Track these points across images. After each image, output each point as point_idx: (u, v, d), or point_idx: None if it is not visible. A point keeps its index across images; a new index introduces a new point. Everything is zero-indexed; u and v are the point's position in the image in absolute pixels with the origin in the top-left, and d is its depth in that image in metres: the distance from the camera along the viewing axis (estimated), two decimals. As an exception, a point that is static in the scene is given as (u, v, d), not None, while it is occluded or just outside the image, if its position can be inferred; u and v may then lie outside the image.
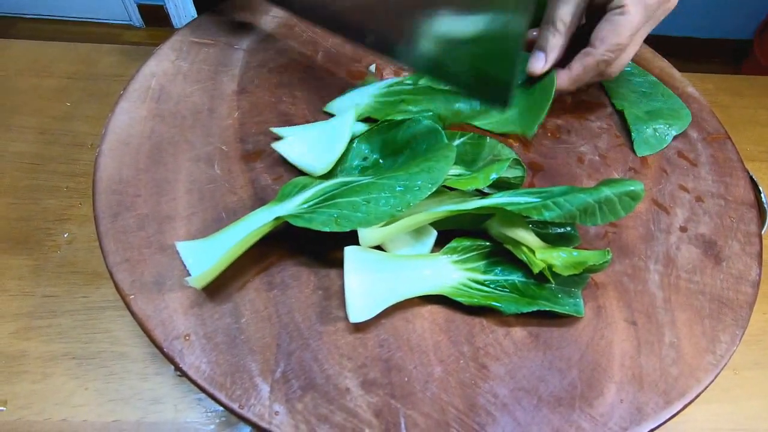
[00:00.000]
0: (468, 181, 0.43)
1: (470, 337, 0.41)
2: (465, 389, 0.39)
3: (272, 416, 0.37)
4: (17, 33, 2.22)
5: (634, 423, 0.38)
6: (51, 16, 2.29)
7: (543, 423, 0.38)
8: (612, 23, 0.48)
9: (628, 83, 0.62)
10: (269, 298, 0.42)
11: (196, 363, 0.38)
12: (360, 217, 0.39)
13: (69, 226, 0.61)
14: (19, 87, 0.74)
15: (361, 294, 0.40)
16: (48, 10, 2.26)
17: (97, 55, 0.81)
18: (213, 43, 0.61)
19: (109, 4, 2.23)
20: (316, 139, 0.48)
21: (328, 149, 0.47)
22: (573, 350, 0.41)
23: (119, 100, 0.53)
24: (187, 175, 0.49)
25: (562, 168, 0.54)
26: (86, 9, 2.25)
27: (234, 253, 0.40)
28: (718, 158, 0.57)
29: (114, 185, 0.47)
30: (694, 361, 0.42)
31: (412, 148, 0.46)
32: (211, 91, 0.56)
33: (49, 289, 0.56)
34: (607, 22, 0.49)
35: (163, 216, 0.46)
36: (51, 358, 0.52)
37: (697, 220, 0.51)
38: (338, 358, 0.39)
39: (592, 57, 0.50)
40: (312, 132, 0.49)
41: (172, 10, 2.24)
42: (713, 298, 0.45)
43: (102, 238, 0.44)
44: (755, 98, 0.86)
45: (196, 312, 0.40)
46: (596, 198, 0.39)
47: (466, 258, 0.44)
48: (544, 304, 0.41)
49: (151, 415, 0.50)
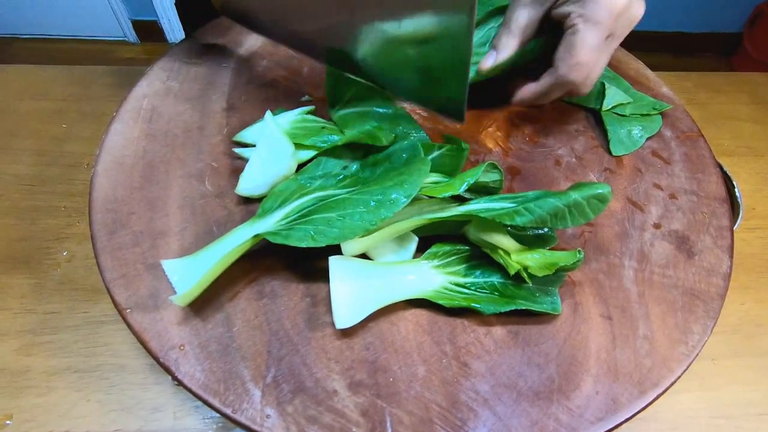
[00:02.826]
0: (444, 188, 0.45)
1: (452, 337, 0.43)
2: (447, 387, 0.41)
3: (264, 419, 0.38)
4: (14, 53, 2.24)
5: (610, 413, 0.40)
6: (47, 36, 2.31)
7: (522, 416, 0.40)
8: (567, 44, 0.50)
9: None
10: (259, 306, 0.44)
11: (191, 371, 0.40)
12: (336, 232, 0.41)
13: (68, 244, 0.64)
14: (16, 110, 0.77)
15: (346, 301, 0.42)
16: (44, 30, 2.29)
17: (91, 77, 0.83)
18: (202, 62, 0.63)
19: (103, 22, 2.25)
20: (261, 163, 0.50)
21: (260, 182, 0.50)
22: (551, 346, 0.43)
23: (112, 122, 0.56)
24: (179, 192, 0.51)
25: (539, 171, 0.56)
26: (81, 27, 2.28)
27: (216, 270, 0.42)
28: (691, 156, 0.59)
29: (109, 204, 0.49)
30: (667, 352, 0.44)
31: (392, 160, 0.48)
32: (201, 109, 0.58)
33: (51, 306, 0.59)
34: (563, 42, 0.51)
35: (156, 232, 0.48)
36: (54, 372, 0.54)
37: (670, 216, 0.53)
38: (326, 362, 0.41)
39: (552, 76, 0.52)
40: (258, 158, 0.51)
41: (166, 25, 2.26)
42: (686, 292, 0.47)
43: (99, 255, 0.46)
44: (733, 94, 0.88)
45: (190, 323, 0.42)
46: (566, 202, 0.41)
47: (446, 262, 0.46)
48: (522, 304, 0.43)
49: (152, 423, 0.52)
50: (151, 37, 2.33)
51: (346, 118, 0.55)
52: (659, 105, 0.62)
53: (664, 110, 0.62)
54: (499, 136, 0.59)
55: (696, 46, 2.32)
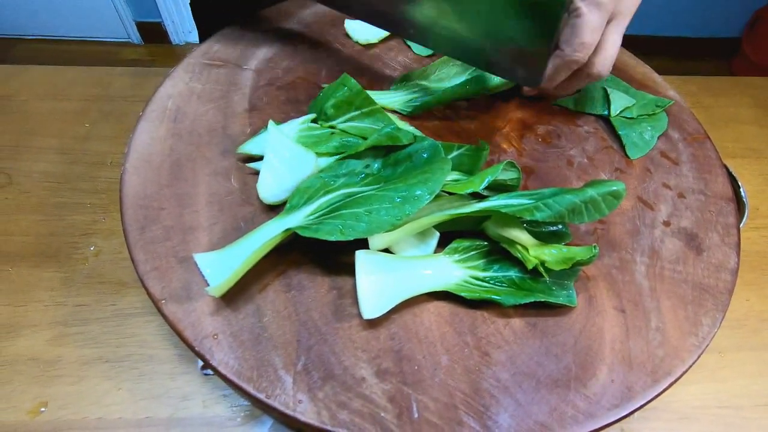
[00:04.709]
0: (465, 185, 0.47)
1: (473, 328, 0.45)
2: (470, 375, 0.43)
3: (296, 404, 0.40)
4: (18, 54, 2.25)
5: (625, 400, 0.42)
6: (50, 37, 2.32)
7: (542, 403, 0.42)
8: (571, 26, 0.52)
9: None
10: (288, 298, 0.46)
11: (225, 359, 0.42)
12: (363, 227, 0.43)
13: (94, 239, 0.66)
14: (39, 110, 0.79)
15: (372, 293, 0.44)
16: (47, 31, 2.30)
17: (109, 78, 0.85)
18: (223, 64, 0.65)
19: (107, 23, 2.27)
20: (277, 173, 0.51)
21: (283, 189, 0.51)
22: (567, 337, 0.45)
23: (140, 121, 0.57)
24: (206, 189, 0.53)
25: (552, 171, 0.58)
26: (85, 28, 2.29)
27: (248, 263, 0.44)
28: (698, 157, 0.61)
29: (139, 200, 0.51)
30: (679, 343, 0.46)
31: (413, 159, 0.50)
32: (224, 109, 0.60)
33: (80, 298, 0.60)
34: (567, 26, 0.53)
35: (186, 227, 0.50)
36: (85, 362, 0.56)
37: (679, 214, 0.55)
38: (353, 351, 0.43)
39: (560, 58, 0.54)
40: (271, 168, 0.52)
41: (170, 26, 2.28)
42: (695, 286, 0.49)
43: (132, 248, 0.48)
44: (737, 98, 0.91)
45: (222, 313, 0.44)
46: (582, 198, 0.43)
47: (466, 257, 0.48)
48: (539, 296, 0.45)
49: (181, 411, 0.53)
50: (155, 39, 2.34)
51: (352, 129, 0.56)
52: (662, 102, 0.64)
53: (673, 113, 0.64)
54: (513, 137, 0.61)
55: (696, 50, 2.34)
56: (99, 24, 2.27)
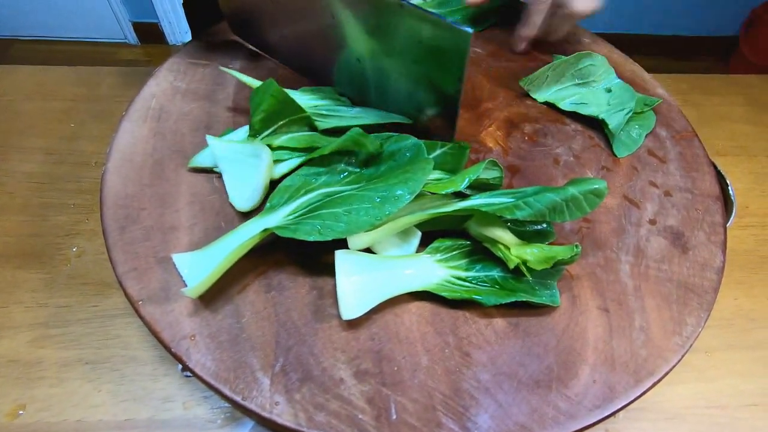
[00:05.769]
0: (446, 184, 0.46)
1: (454, 328, 0.45)
2: (450, 376, 0.42)
3: (273, 406, 0.40)
4: (14, 54, 2.25)
5: (607, 401, 0.42)
6: (47, 37, 2.32)
7: (522, 404, 0.41)
8: None
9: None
10: (268, 299, 0.45)
11: (202, 361, 0.42)
12: (342, 227, 0.42)
13: (77, 240, 0.65)
14: (26, 110, 0.78)
15: (352, 293, 0.43)
16: (44, 31, 2.29)
17: (98, 78, 0.85)
18: (208, 63, 0.65)
19: (104, 24, 2.26)
20: (241, 176, 0.51)
21: (251, 191, 0.50)
22: (550, 337, 0.45)
23: (122, 121, 0.57)
24: (188, 188, 0.52)
25: (538, 170, 0.57)
26: (82, 29, 2.28)
27: (226, 263, 0.43)
28: (686, 155, 0.60)
29: (120, 200, 0.51)
30: (662, 343, 0.45)
31: (395, 159, 0.49)
32: (208, 108, 0.60)
33: (62, 299, 0.60)
34: None
35: (167, 227, 0.49)
36: (66, 364, 0.55)
37: (665, 213, 0.55)
38: (333, 352, 0.43)
39: (529, 3, 0.56)
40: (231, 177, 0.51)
41: (166, 27, 2.27)
42: (680, 285, 0.49)
43: (111, 249, 0.47)
44: (727, 96, 0.90)
45: (200, 314, 0.44)
46: (564, 197, 0.42)
47: (448, 257, 0.47)
48: (522, 296, 0.45)
49: (162, 413, 0.53)
50: (151, 39, 2.34)
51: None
52: (650, 100, 0.64)
53: (661, 111, 0.64)
54: (498, 135, 0.60)
55: (693, 49, 2.34)
56: (95, 25, 2.27)
